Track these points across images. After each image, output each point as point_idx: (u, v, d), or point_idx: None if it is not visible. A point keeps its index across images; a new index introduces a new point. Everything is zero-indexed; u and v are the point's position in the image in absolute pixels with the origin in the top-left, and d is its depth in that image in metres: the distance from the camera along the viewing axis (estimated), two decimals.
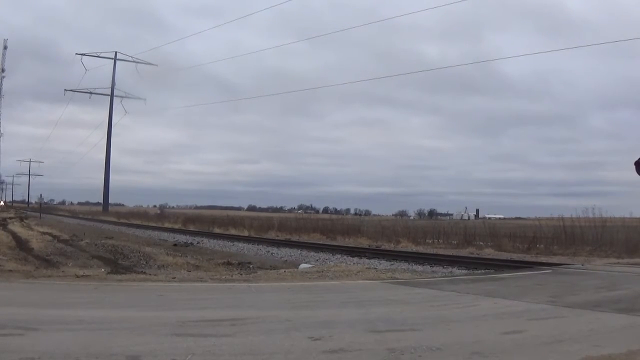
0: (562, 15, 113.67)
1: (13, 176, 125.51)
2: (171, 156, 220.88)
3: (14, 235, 23.86)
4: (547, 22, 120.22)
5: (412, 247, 23.11)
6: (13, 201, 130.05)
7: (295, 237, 30.17)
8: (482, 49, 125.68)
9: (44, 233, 27.28)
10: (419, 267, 15.16)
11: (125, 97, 68.98)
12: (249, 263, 16.61)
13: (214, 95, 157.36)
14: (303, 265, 14.13)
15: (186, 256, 17.78)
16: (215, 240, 28.45)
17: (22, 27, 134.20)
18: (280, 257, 19.78)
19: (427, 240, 25.79)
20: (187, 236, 32.04)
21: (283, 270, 11.80)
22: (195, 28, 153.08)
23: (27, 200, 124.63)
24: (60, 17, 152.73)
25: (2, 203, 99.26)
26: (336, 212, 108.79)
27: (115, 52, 68.09)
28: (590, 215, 20.98)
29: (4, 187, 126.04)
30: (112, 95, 68.78)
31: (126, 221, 53.94)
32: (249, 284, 8.68)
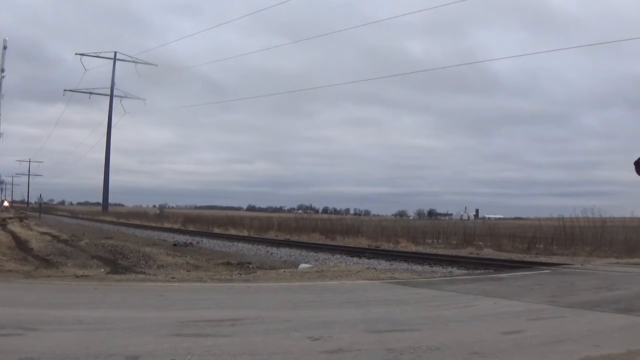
0: (547, 11, 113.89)
1: (12, 176, 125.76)
2: (167, 156, 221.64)
3: (14, 235, 23.84)
4: (532, 18, 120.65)
5: (411, 247, 23.10)
6: (13, 201, 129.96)
7: (294, 237, 30.15)
8: (467, 45, 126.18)
9: (43, 233, 27.26)
10: (419, 267, 15.15)
11: (125, 97, 68.83)
12: (249, 263, 16.60)
13: (203, 94, 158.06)
14: (302, 265, 14.12)
15: (186, 256, 17.78)
16: (214, 241, 28.44)
17: (5, 27, 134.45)
18: (280, 257, 19.76)
19: (426, 241, 25.79)
20: (187, 236, 32.02)
21: (282, 270, 11.80)
22: (181, 28, 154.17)
23: (26, 200, 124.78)
24: (42, 16, 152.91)
25: (6, 204, 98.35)
26: (336, 212, 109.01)
27: (115, 52, 67.94)
28: (590, 216, 21.03)
29: (4, 187, 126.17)
30: (111, 95, 68.58)
31: (126, 221, 53.91)
32: (249, 284, 8.68)
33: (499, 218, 74.64)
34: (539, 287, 8.71)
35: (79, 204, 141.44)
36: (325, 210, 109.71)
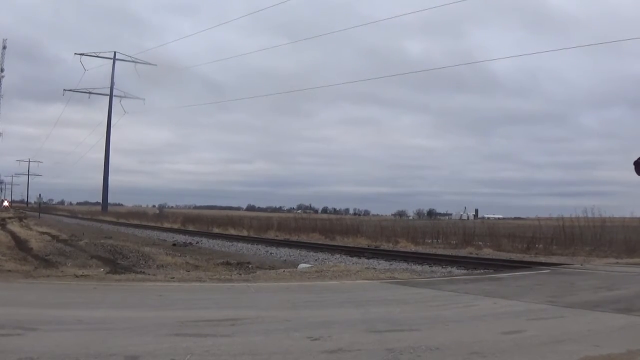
0: (546, 10, 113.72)
1: (12, 176, 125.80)
2: (166, 156, 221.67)
3: (13, 235, 23.82)
4: (530, 18, 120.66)
5: (411, 247, 23.11)
6: (12, 201, 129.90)
7: (294, 237, 30.16)
8: (466, 45, 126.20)
9: (43, 233, 27.24)
10: (418, 267, 15.16)
11: (124, 97, 68.82)
12: (248, 263, 16.59)
13: (202, 94, 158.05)
14: (302, 265, 14.12)
15: (185, 256, 17.77)
16: (214, 240, 28.44)
17: (4, 27, 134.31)
18: (280, 257, 19.77)
19: (426, 240, 25.80)
20: (186, 236, 32.02)
21: (282, 270, 11.80)
22: (180, 28, 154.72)
23: (26, 200, 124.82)
24: (41, 16, 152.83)
25: (5, 203, 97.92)
26: (335, 212, 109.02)
27: (115, 52, 67.95)
28: (590, 216, 21.05)
29: (4, 187, 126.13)
30: (111, 95, 68.60)
31: (125, 221, 53.91)
32: (248, 284, 8.68)
33: (499, 218, 74.84)
34: (538, 287, 8.71)
35: (78, 203, 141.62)
36: (324, 210, 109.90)
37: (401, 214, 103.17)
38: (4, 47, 77.38)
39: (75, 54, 65.77)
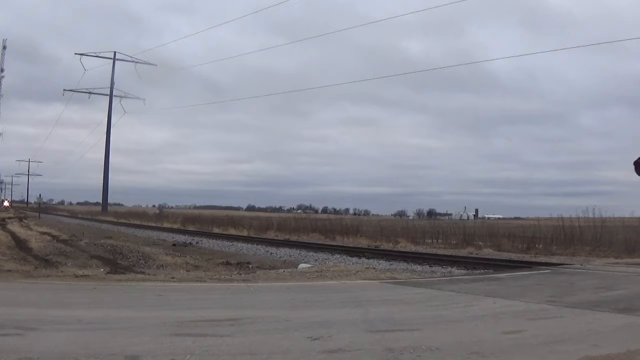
0: (545, 10, 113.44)
1: (12, 176, 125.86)
2: (166, 156, 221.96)
3: (13, 235, 23.81)
4: (530, 17, 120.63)
5: (411, 247, 23.12)
6: (12, 201, 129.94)
7: (294, 237, 30.17)
8: (465, 44, 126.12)
9: (43, 233, 27.23)
10: (418, 267, 15.17)
11: (124, 97, 68.77)
12: (248, 263, 16.60)
13: (201, 94, 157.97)
14: (302, 265, 14.12)
15: (185, 256, 17.77)
16: (214, 240, 28.43)
17: (3, 26, 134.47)
18: (280, 257, 19.77)
19: (426, 240, 25.80)
20: (186, 236, 32.02)
21: (282, 270, 11.81)
22: (178, 27, 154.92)
23: (26, 200, 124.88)
24: (39, 16, 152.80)
25: (6, 203, 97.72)
26: (335, 212, 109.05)
27: (114, 52, 67.91)
28: (589, 216, 21.05)
29: (4, 187, 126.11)
30: (111, 95, 68.54)
31: (125, 221, 53.88)
32: (248, 284, 8.68)
33: (499, 218, 74.76)
34: (538, 287, 8.71)
35: (78, 203, 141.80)
36: (324, 210, 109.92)
37: (401, 214, 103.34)
38: (4, 47, 77.13)
39: (75, 54, 65.73)
